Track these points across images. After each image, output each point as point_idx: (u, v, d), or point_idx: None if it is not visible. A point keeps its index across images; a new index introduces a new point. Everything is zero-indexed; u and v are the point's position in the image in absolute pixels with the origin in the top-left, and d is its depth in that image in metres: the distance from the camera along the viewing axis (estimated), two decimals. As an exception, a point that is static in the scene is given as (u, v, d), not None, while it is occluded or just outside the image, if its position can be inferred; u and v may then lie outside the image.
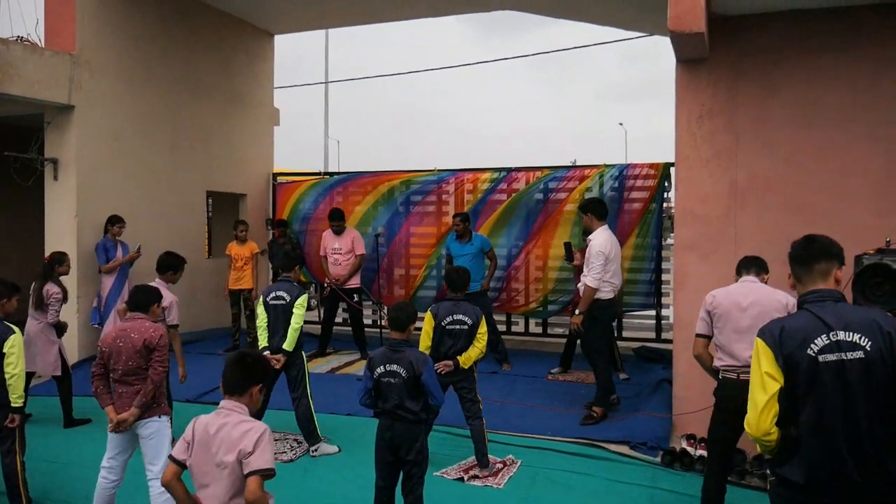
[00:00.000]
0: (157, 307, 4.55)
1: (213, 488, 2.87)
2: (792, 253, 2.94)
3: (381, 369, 4.09)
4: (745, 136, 5.93)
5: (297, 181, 11.14)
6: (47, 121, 8.38)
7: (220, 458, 2.86)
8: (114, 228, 8.18)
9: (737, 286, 4.37)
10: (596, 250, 6.25)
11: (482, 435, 5.39)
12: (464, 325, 5.33)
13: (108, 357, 4.28)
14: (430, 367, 4.13)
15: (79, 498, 4.89)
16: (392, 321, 4.24)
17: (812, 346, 2.68)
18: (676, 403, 6.20)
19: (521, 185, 9.55)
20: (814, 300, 2.78)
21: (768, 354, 2.74)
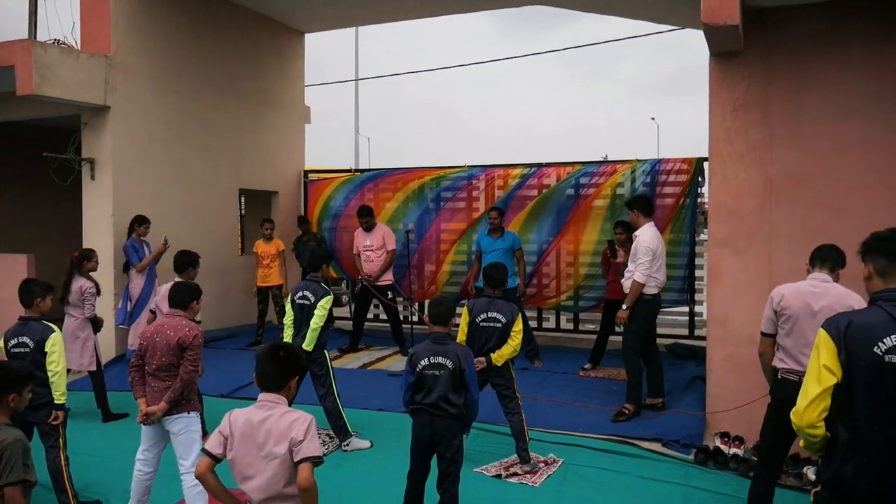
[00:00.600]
0: (197, 304, 4.62)
1: (258, 479, 2.90)
2: (879, 245, 2.82)
3: (425, 362, 4.13)
4: (780, 131, 5.84)
5: (328, 178, 11.21)
6: (84, 122, 8.54)
7: (269, 449, 2.90)
8: (140, 229, 8.24)
9: (808, 285, 4.07)
10: (644, 246, 6.23)
11: (522, 431, 5.38)
12: (497, 323, 5.33)
13: (145, 350, 4.38)
14: (472, 362, 4.22)
15: (116, 490, 5.00)
16: (434, 316, 4.28)
17: (880, 345, 2.61)
18: (710, 401, 6.14)
19: (552, 180, 9.51)
20: (890, 298, 2.70)
21: (830, 348, 2.68)
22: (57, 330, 4.76)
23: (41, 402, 4.73)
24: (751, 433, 4.62)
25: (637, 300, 6.28)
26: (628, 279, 6.37)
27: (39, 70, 7.61)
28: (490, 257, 8.26)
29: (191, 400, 4.43)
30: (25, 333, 4.76)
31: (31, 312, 4.89)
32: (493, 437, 5.92)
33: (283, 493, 2.89)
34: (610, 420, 6.34)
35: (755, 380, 4.34)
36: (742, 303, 5.87)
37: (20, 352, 4.78)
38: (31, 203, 11.30)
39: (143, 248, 8.22)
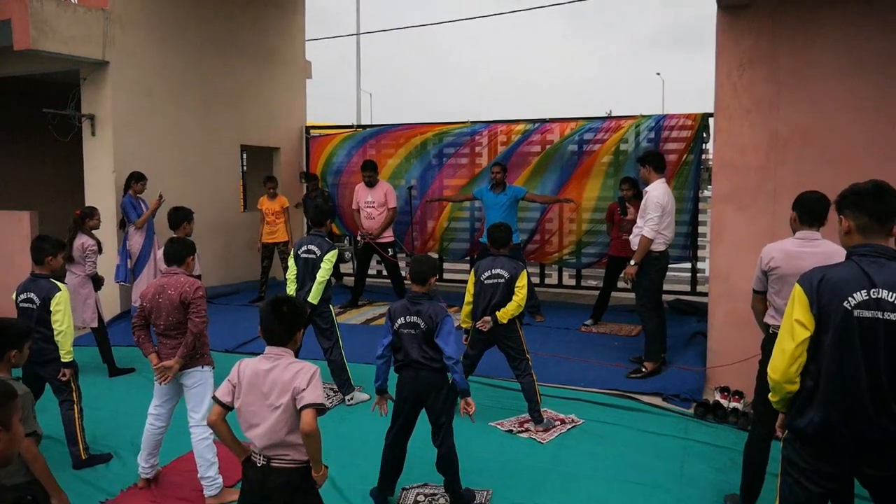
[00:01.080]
0: (192, 259, 4.60)
1: (263, 427, 2.97)
2: (861, 201, 2.76)
3: (401, 321, 4.12)
4: (787, 86, 5.77)
5: (330, 135, 11.13)
6: (83, 77, 8.46)
7: (273, 399, 2.96)
8: (136, 185, 8.13)
9: (796, 245, 3.94)
10: (654, 202, 6.16)
11: (533, 391, 5.40)
12: (500, 279, 5.35)
13: (150, 312, 4.40)
14: (447, 321, 4.07)
15: (125, 443, 5.09)
16: (413, 274, 4.24)
17: (850, 299, 2.64)
18: (710, 356, 6.19)
19: (556, 136, 9.44)
20: (866, 254, 2.71)
21: (803, 302, 2.72)
22: (63, 288, 4.79)
23: (49, 358, 4.80)
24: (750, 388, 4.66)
25: (645, 257, 6.26)
26: (636, 235, 6.30)
27: (36, 24, 7.51)
28: (493, 212, 8.25)
29: (204, 354, 4.48)
30: (33, 290, 4.81)
31: (42, 270, 4.92)
32: (507, 394, 5.98)
33: (286, 441, 2.96)
34: (625, 376, 6.39)
35: (755, 335, 4.36)
36: (744, 259, 5.87)
37: (27, 307, 4.83)
38: (32, 160, 11.25)
39: (140, 204, 8.18)
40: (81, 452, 4.80)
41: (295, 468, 2.98)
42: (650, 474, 4.62)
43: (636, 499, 4.32)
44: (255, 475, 3.00)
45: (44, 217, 9.06)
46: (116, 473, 4.74)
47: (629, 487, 4.45)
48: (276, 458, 2.97)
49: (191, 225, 6.15)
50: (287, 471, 2.97)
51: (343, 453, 4.83)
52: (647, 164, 6.41)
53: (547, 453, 4.98)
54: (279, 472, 2.97)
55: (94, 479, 4.62)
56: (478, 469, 4.64)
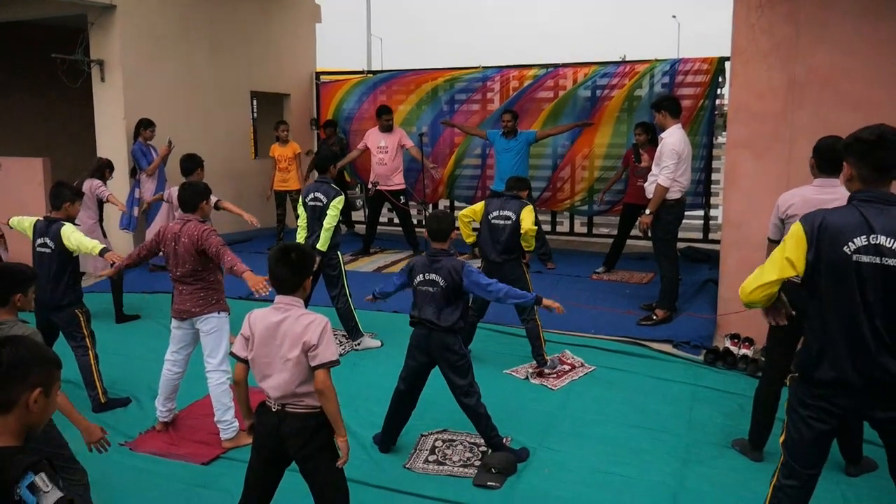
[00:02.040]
0: (207, 204, 4.59)
1: (275, 378, 3.00)
2: (864, 150, 2.73)
3: (420, 277, 4.09)
4: (807, 28, 5.62)
5: (341, 80, 11.00)
6: (91, 21, 8.36)
7: (285, 352, 2.98)
8: (146, 132, 8.12)
9: (814, 192, 3.87)
10: (669, 149, 6.02)
11: (537, 336, 5.46)
12: (508, 221, 5.37)
13: (168, 256, 4.44)
14: (470, 270, 4.04)
15: (142, 387, 5.19)
16: (433, 232, 4.18)
17: (849, 245, 2.65)
18: (721, 304, 6.19)
19: (568, 82, 9.29)
20: (866, 199, 2.71)
21: (801, 244, 2.75)
22: (66, 223, 4.90)
23: (62, 304, 4.87)
24: (760, 335, 4.69)
25: (661, 205, 6.18)
26: (652, 183, 6.17)
27: (42, -33, 7.40)
28: (504, 157, 8.26)
29: (220, 300, 4.53)
30: (48, 234, 4.87)
31: (58, 214, 4.97)
32: (519, 341, 6.02)
33: (297, 391, 2.99)
34: (637, 322, 6.41)
35: (768, 283, 4.35)
36: (758, 206, 5.81)
37: (44, 252, 4.90)
38: (42, 107, 11.21)
39: (150, 151, 8.16)
40: (101, 396, 4.90)
41: (309, 413, 3.01)
42: (659, 419, 4.68)
43: (645, 443, 4.38)
44: (270, 420, 3.04)
45: (55, 163, 9.07)
46: (135, 417, 4.85)
47: (638, 432, 4.51)
48: (290, 404, 3.01)
49: (202, 173, 6.16)
50: (302, 416, 3.01)
51: (357, 399, 4.91)
52: (663, 109, 6.27)
53: (557, 399, 5.04)
54: (294, 417, 3.00)
55: (113, 423, 4.72)
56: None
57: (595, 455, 4.25)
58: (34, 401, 1.99)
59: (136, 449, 4.39)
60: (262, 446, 3.11)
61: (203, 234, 4.35)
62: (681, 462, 4.18)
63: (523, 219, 5.36)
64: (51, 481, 1.85)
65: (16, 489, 1.81)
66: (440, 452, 4.29)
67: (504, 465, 4.04)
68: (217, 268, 4.54)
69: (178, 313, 4.49)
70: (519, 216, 5.37)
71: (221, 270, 4.57)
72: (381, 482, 3.97)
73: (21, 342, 2.08)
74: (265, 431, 3.07)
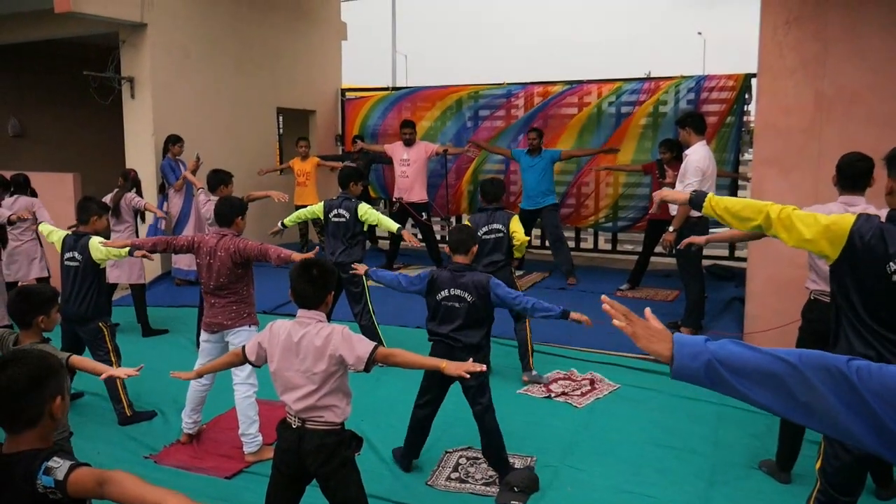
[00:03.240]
0: (242, 220, 4.62)
1: (299, 392, 3.01)
2: None
3: (445, 293, 4.02)
4: (835, 44, 5.57)
5: (366, 97, 11.10)
6: (122, 39, 8.53)
7: (309, 365, 3.00)
8: (174, 148, 8.23)
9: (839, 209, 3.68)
10: (693, 166, 5.99)
11: (525, 342, 5.55)
12: (499, 234, 5.46)
13: (201, 269, 4.52)
14: (497, 283, 4.01)
15: (168, 401, 5.23)
16: (454, 244, 4.12)
17: (891, 264, 2.62)
18: (748, 322, 6.12)
19: (593, 98, 9.30)
20: None
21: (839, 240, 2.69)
22: (92, 236, 4.98)
23: (87, 317, 4.93)
24: (789, 354, 4.63)
25: (685, 222, 6.12)
26: None
27: (76, -13, 7.56)
28: (529, 174, 8.36)
29: (251, 313, 4.58)
30: (76, 248, 4.95)
31: (86, 229, 5.05)
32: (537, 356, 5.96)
33: (319, 404, 3.01)
34: None
35: (795, 301, 4.29)
36: (786, 224, 5.75)
37: (71, 265, 4.97)
38: (74, 123, 11.44)
39: (179, 167, 8.26)
40: (126, 409, 4.95)
41: (328, 430, 3.02)
42: (684, 439, 4.62)
43: (670, 463, 4.32)
44: (291, 436, 3.04)
45: (86, 179, 9.23)
46: (160, 430, 4.89)
47: (663, 452, 4.45)
48: (310, 419, 3.01)
49: (229, 188, 6.22)
50: (321, 433, 3.01)
51: (379, 414, 4.92)
52: (687, 125, 6.25)
53: (581, 417, 4.99)
54: (313, 434, 3.01)
55: (138, 435, 4.77)
56: (510, 432, 4.65)
57: (619, 474, 4.19)
58: (57, 408, 2.10)
59: (160, 462, 4.42)
60: (282, 463, 3.11)
61: (240, 246, 4.43)
62: (707, 483, 4.11)
63: (514, 231, 5.45)
64: (61, 458, 2.00)
65: (37, 482, 1.96)
66: (463, 470, 4.26)
67: (527, 483, 4.00)
68: (250, 281, 4.59)
69: (209, 326, 4.54)
70: (509, 228, 5.46)
71: (253, 283, 4.61)
72: (402, 498, 3.95)
73: (27, 358, 2.15)
74: (286, 447, 3.08)
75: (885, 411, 1.36)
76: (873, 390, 1.37)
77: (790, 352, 1.49)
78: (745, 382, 1.49)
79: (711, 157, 6.19)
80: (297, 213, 6.43)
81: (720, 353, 1.52)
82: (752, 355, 1.50)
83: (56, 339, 3.94)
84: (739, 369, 1.49)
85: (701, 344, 1.56)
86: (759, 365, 1.48)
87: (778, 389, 1.47)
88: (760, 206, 2.85)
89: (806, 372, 1.44)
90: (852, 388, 1.39)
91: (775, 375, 1.46)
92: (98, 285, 5.04)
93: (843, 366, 1.42)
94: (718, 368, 1.51)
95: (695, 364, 1.54)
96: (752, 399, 1.50)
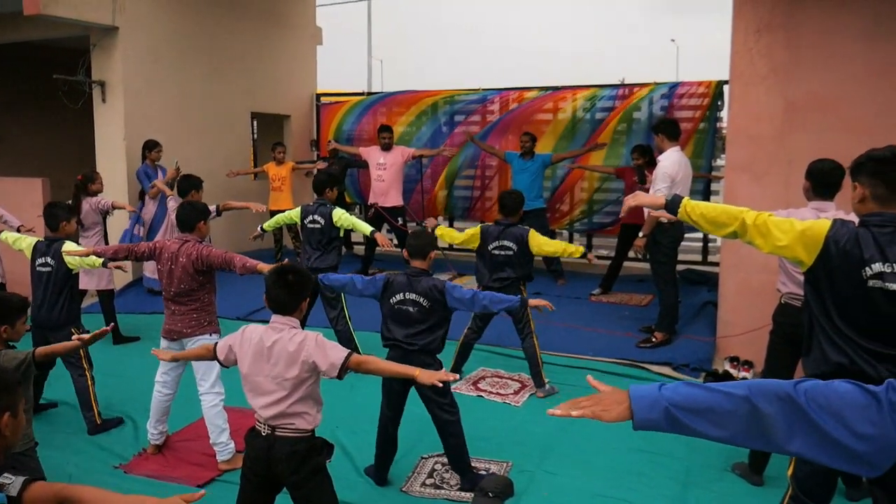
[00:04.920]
0: (205, 225, 4.57)
1: (269, 398, 2.99)
2: (880, 169, 2.68)
3: (399, 296, 3.98)
4: (805, 52, 5.66)
5: (341, 102, 11.06)
6: (93, 43, 8.42)
7: (280, 371, 2.97)
8: (152, 153, 8.08)
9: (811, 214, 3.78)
10: (662, 172, 6.03)
11: (535, 356, 5.43)
12: (509, 251, 5.33)
13: (162, 275, 4.42)
14: (452, 286, 3.97)
15: (139, 409, 5.14)
16: (412, 248, 4.07)
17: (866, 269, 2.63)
18: (721, 326, 6.17)
19: (568, 104, 9.36)
20: (880, 224, 2.67)
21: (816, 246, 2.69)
22: (66, 241, 4.91)
23: (59, 323, 4.85)
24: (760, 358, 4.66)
25: (658, 227, 6.14)
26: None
27: (45, -11, 7.45)
28: (520, 177, 8.46)
29: (213, 321, 4.50)
30: (49, 254, 4.88)
31: (57, 235, 4.98)
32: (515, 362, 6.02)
33: (289, 411, 2.98)
34: (636, 345, 6.38)
35: (767, 305, 4.34)
36: (757, 229, 5.81)
37: (43, 271, 4.90)
38: (44, 127, 11.26)
39: (156, 173, 8.14)
40: (96, 418, 4.87)
41: (299, 438, 2.99)
42: (659, 443, 4.63)
43: (645, 467, 4.34)
44: (261, 444, 3.01)
45: (56, 184, 9.08)
46: (130, 439, 4.81)
47: (638, 456, 4.47)
48: (280, 427, 2.98)
49: (200, 193, 6.16)
50: (292, 440, 2.98)
51: (354, 421, 4.88)
52: (661, 132, 6.31)
53: (556, 422, 4.99)
54: (284, 441, 2.97)
55: (108, 445, 4.69)
56: (486, 437, 4.68)
57: (595, 479, 4.20)
58: (5, 425, 2.02)
59: (130, 472, 4.35)
60: (251, 471, 3.07)
61: (203, 252, 4.34)
62: (681, 486, 4.13)
63: (535, 245, 5.31)
64: (13, 475, 1.93)
65: None
66: (438, 476, 4.24)
67: (501, 488, 3.98)
68: (213, 289, 4.52)
69: (168, 333, 4.45)
70: (521, 245, 5.30)
71: (215, 291, 4.55)
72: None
73: None
74: (255, 455, 3.04)
75: (833, 426, 1.43)
76: (821, 406, 1.45)
77: (739, 384, 1.58)
78: (700, 422, 1.57)
79: (685, 163, 6.24)
80: (276, 218, 6.38)
81: (675, 398, 1.60)
82: (705, 395, 1.59)
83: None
84: (694, 410, 1.58)
85: (656, 392, 1.63)
86: (710, 403, 1.57)
87: (731, 423, 1.55)
88: (736, 213, 2.87)
89: (756, 402, 1.53)
90: (800, 410, 1.47)
91: (727, 411, 1.55)
92: (71, 291, 4.97)
93: (790, 390, 1.50)
94: (675, 413, 1.58)
95: (653, 415, 1.61)
96: (711, 436, 1.58)
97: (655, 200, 3.18)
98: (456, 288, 3.98)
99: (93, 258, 4.73)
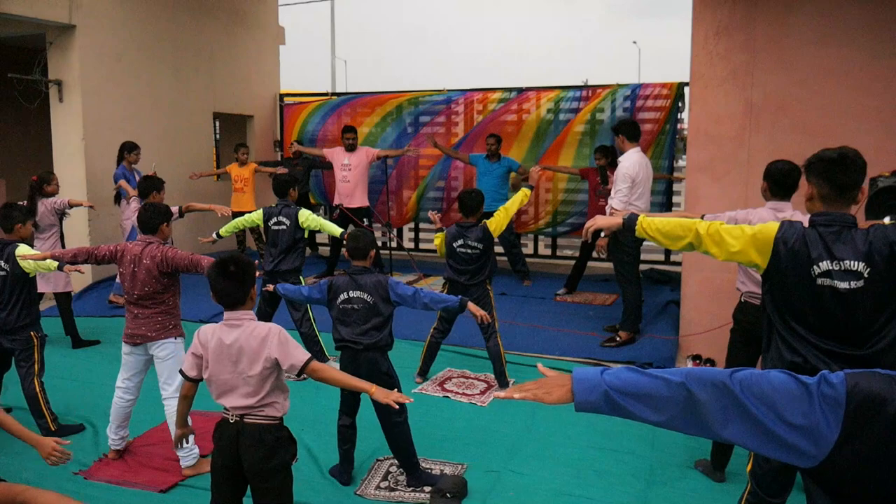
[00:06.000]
0: (167, 227, 4.49)
1: (235, 394, 2.97)
2: (825, 169, 2.75)
3: (344, 296, 4.01)
4: (763, 55, 5.77)
5: (305, 102, 10.99)
6: (49, 41, 8.24)
7: (244, 368, 2.96)
8: (130, 156, 7.84)
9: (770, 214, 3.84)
10: (623, 173, 6.12)
11: (499, 355, 5.47)
12: (476, 250, 5.36)
13: (124, 278, 4.33)
14: (395, 282, 4.03)
15: (99, 414, 5.04)
16: (352, 250, 4.11)
17: (815, 268, 2.71)
18: (683, 325, 6.26)
19: (533, 106, 9.42)
20: (826, 223, 2.75)
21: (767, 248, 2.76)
22: (20, 244, 4.79)
23: (17, 326, 4.73)
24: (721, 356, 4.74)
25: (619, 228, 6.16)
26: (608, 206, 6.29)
27: (-1, -14, 7.28)
28: (485, 180, 8.44)
29: (177, 325, 4.43)
30: (2, 257, 4.75)
31: (11, 237, 4.85)
32: (481, 362, 6.03)
33: (256, 405, 2.97)
34: (599, 345, 6.43)
35: (728, 304, 4.42)
36: (718, 229, 5.91)
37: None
38: (-2, 126, 11.00)
39: (133, 176, 7.86)
40: (50, 424, 4.75)
41: (268, 425, 2.99)
42: (623, 441, 4.69)
43: (609, 464, 4.38)
44: (229, 431, 3.00)
45: (13, 185, 8.88)
46: (90, 444, 4.71)
47: (602, 454, 4.51)
48: (249, 415, 2.98)
49: (161, 195, 6.06)
50: (260, 427, 2.97)
51: (319, 423, 4.85)
52: (621, 133, 6.39)
53: (522, 421, 5.03)
54: (253, 428, 2.97)
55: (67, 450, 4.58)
56: (451, 437, 4.69)
57: (560, 477, 4.23)
58: None
59: (90, 477, 4.26)
60: (220, 459, 3.04)
61: (168, 255, 4.27)
62: (645, 483, 4.18)
63: (494, 231, 5.39)
64: None
65: None
66: (393, 479, 4.23)
67: (458, 488, 4.00)
68: (177, 291, 4.44)
69: (130, 338, 4.35)
70: (485, 241, 5.37)
71: (180, 293, 4.48)
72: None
73: None
74: (224, 444, 3.01)
75: (765, 415, 1.48)
76: (754, 395, 1.50)
77: (678, 371, 1.63)
78: (638, 406, 1.63)
79: (645, 164, 6.32)
80: (234, 222, 6.27)
81: (615, 382, 1.65)
82: (644, 381, 1.64)
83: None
84: (633, 394, 1.63)
85: (597, 376, 1.68)
86: (649, 388, 1.62)
87: (668, 408, 1.61)
88: (689, 224, 2.92)
89: (692, 389, 1.57)
90: (734, 398, 1.52)
91: (664, 397, 1.61)
92: (29, 294, 4.84)
93: (726, 379, 1.55)
94: (614, 397, 1.64)
95: (593, 397, 1.67)
96: (650, 420, 1.64)
97: (613, 222, 3.24)
98: (399, 284, 4.05)
99: (48, 262, 4.61)
